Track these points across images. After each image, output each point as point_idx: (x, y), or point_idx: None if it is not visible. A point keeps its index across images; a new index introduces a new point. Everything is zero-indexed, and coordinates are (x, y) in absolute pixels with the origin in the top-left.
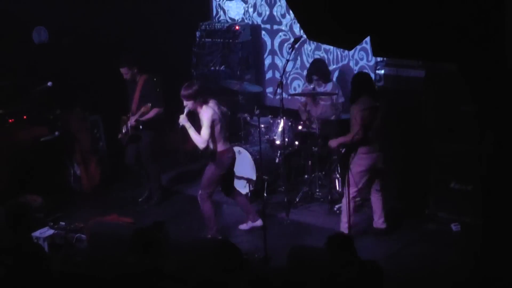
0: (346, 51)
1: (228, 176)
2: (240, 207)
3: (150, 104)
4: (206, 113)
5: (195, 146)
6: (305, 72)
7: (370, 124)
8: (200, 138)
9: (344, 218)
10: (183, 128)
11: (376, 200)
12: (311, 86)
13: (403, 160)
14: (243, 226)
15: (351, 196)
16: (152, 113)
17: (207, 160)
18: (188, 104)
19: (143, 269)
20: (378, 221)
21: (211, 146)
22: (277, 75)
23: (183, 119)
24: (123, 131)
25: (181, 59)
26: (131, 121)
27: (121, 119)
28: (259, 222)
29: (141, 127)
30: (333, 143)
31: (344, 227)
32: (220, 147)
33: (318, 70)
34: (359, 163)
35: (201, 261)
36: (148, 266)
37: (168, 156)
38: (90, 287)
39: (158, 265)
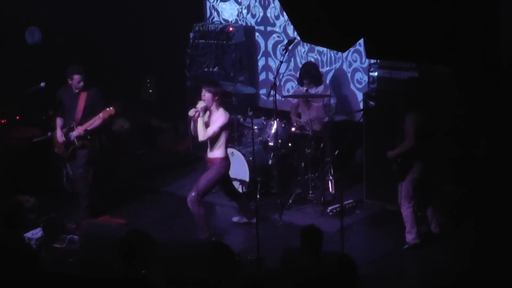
0: (340, 53)
1: (227, 181)
2: (239, 207)
3: (112, 108)
4: (224, 117)
5: (188, 147)
6: (298, 74)
7: (424, 133)
8: (204, 133)
9: (411, 229)
10: (193, 116)
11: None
12: (304, 88)
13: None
14: (236, 219)
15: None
16: (99, 121)
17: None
18: (206, 98)
19: (130, 277)
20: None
21: (218, 153)
22: (271, 76)
23: (200, 108)
24: (66, 142)
25: (174, 60)
26: (78, 131)
27: (55, 132)
28: (254, 221)
29: (89, 137)
30: (391, 153)
31: (410, 238)
32: (224, 153)
33: (309, 73)
34: (415, 170)
35: (195, 263)
36: (135, 273)
37: (160, 158)
38: None
39: (145, 273)
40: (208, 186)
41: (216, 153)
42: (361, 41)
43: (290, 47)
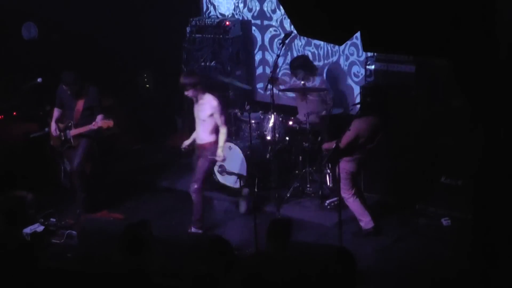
0: (337, 46)
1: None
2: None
3: (111, 121)
4: (215, 101)
5: (181, 141)
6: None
7: (362, 142)
8: (226, 131)
9: (361, 217)
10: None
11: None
12: (300, 82)
13: (393, 155)
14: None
15: (347, 197)
16: (95, 128)
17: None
18: (190, 93)
19: (128, 269)
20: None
21: (210, 137)
22: (268, 70)
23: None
24: (62, 138)
25: (171, 55)
26: (75, 132)
27: (51, 124)
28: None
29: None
30: (325, 145)
31: (363, 225)
32: (214, 138)
33: (303, 65)
34: (343, 166)
35: (194, 257)
36: (133, 266)
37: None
38: (80, 283)
39: (143, 264)
40: (205, 174)
41: (206, 138)
42: (358, 34)
43: (287, 41)
